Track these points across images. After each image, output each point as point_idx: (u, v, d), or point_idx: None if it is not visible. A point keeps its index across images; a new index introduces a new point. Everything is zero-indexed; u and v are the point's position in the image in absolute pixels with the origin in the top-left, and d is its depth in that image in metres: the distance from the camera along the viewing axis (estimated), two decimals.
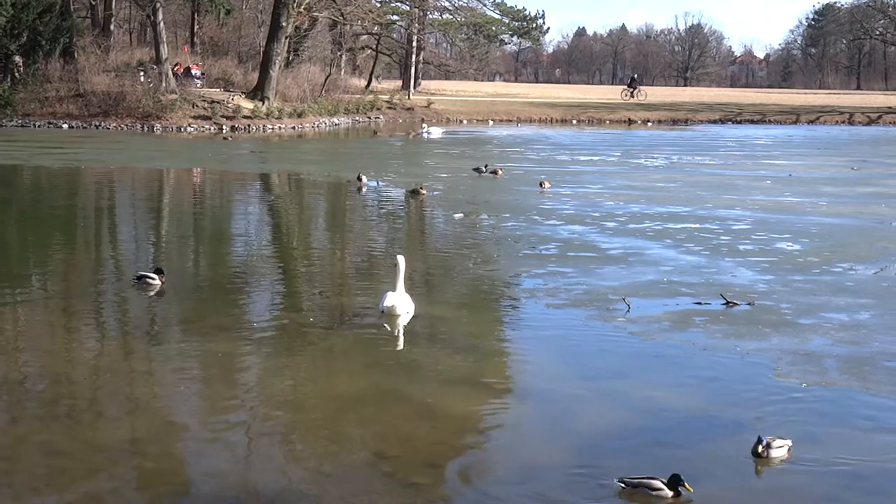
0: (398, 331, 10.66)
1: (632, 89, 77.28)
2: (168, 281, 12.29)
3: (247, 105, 49.97)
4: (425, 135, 49.03)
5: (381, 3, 74.99)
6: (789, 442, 7.09)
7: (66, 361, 9.39)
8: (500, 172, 26.72)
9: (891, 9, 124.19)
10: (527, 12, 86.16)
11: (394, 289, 10.97)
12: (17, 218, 19.81)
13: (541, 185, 23.52)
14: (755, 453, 6.96)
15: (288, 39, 54.96)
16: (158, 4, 50.24)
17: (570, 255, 14.90)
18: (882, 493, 6.71)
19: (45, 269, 14.09)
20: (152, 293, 12.00)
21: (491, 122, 62.89)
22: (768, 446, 6.95)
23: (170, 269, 12.74)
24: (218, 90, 52.74)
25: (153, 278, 12.16)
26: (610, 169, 30.54)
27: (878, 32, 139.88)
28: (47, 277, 13.50)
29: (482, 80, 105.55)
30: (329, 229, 19.66)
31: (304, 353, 9.82)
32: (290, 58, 60.14)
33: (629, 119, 66.38)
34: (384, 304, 10.90)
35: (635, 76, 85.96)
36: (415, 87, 74.43)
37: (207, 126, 47.13)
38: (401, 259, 11.16)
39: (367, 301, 11.67)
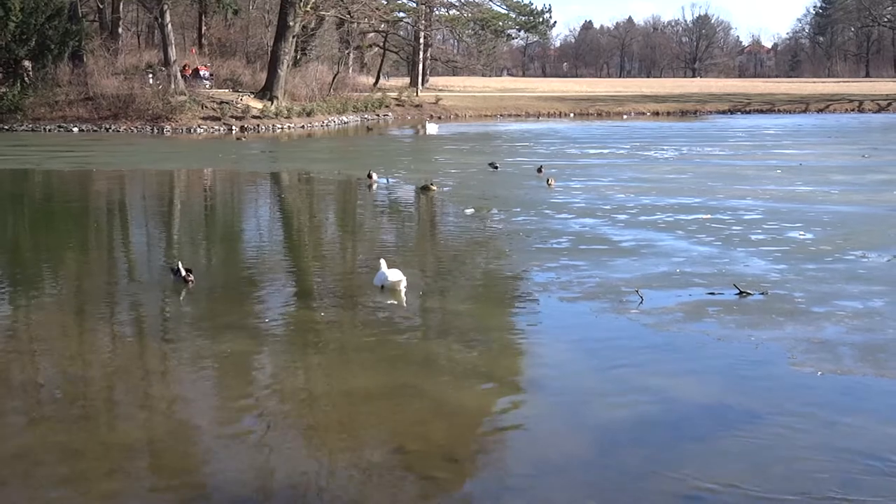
0: (410, 324, 10.71)
1: None
2: (182, 279, 12.41)
3: (256, 105, 50.09)
4: (421, 131, 49.14)
5: (387, 0, 74.99)
6: None
7: (82, 362, 9.43)
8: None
9: None
10: (533, 6, 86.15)
11: (381, 268, 12.09)
12: (31, 221, 19.90)
13: (547, 182, 23.31)
14: None
15: (295, 39, 55.06)
16: (166, 7, 50.40)
17: (581, 249, 14.90)
18: None
19: (59, 272, 14.16)
20: (176, 290, 12.14)
21: (499, 117, 62.85)
22: None
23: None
24: (227, 91, 52.91)
25: (179, 273, 12.43)
26: (620, 162, 30.52)
27: (886, 19, 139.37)
28: (61, 279, 13.56)
29: (490, 76, 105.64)
30: (340, 227, 19.69)
31: (317, 350, 9.85)
32: (298, 57, 60.26)
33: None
34: (386, 279, 11.90)
35: None
36: (423, 84, 74.50)
37: (217, 127, 47.25)
38: (382, 262, 12.18)
39: (380, 297, 11.71)
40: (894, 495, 6.39)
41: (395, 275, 11.97)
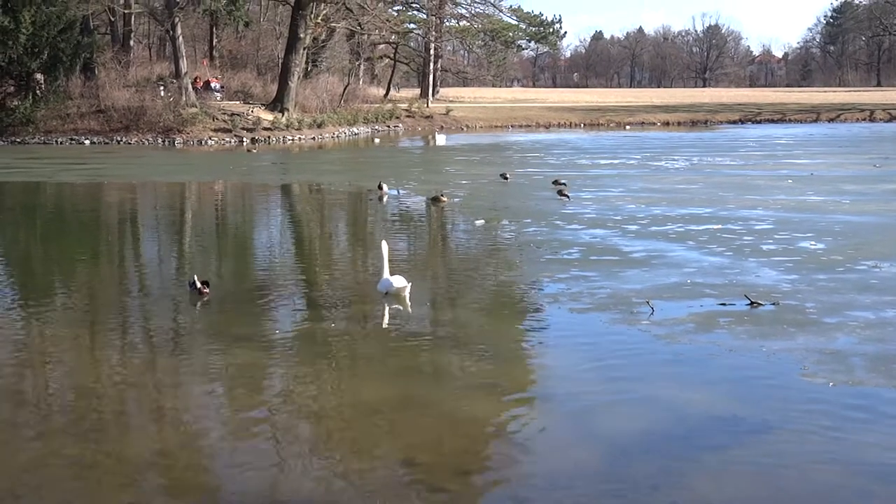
0: (420, 335, 10.71)
1: None
2: (198, 292, 12.45)
3: (266, 117, 50.23)
4: (432, 142, 49.31)
5: (397, 12, 75.24)
6: None
7: (94, 375, 9.45)
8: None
9: None
10: (543, 17, 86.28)
11: (383, 274, 12.32)
12: (43, 234, 19.97)
13: (560, 193, 23.13)
14: None
15: (306, 50, 55.22)
16: (177, 19, 50.60)
17: (592, 259, 14.89)
18: None
19: (71, 284, 14.20)
20: (192, 302, 12.21)
21: (510, 128, 62.91)
22: None
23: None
24: (237, 103, 53.07)
25: (195, 285, 12.51)
26: (631, 172, 30.50)
27: None
28: (73, 291, 13.60)
29: (500, 86, 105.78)
30: (351, 238, 19.72)
31: (328, 362, 9.85)
32: (309, 69, 60.41)
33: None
34: (391, 286, 12.13)
35: None
36: (433, 95, 74.63)
37: (228, 139, 47.40)
38: (384, 244, 12.67)
39: (390, 308, 11.73)
40: None
41: (399, 281, 12.17)
